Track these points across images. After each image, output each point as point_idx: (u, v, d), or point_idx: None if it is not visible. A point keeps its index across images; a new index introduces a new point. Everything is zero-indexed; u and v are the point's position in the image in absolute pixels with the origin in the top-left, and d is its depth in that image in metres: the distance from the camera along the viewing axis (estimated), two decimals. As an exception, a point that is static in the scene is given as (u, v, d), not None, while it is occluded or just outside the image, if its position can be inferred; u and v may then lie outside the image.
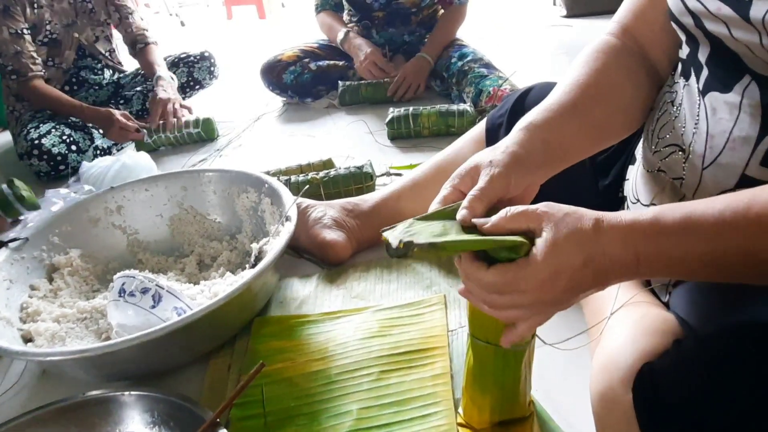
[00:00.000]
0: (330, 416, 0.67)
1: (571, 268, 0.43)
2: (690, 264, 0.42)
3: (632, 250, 0.42)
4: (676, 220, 0.42)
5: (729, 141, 0.50)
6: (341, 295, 0.89)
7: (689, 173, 0.54)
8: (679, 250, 0.42)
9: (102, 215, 1.04)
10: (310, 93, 1.87)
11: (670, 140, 0.57)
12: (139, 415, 0.68)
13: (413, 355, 0.73)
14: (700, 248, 0.41)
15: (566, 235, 0.43)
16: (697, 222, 0.41)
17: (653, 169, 0.60)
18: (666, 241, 0.42)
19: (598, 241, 0.43)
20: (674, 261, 0.42)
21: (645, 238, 0.42)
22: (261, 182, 1.00)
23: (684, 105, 0.55)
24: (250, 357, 0.77)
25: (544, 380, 0.68)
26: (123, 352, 0.67)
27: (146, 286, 0.74)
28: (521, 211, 0.45)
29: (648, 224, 0.42)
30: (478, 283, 0.47)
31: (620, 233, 0.43)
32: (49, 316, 0.85)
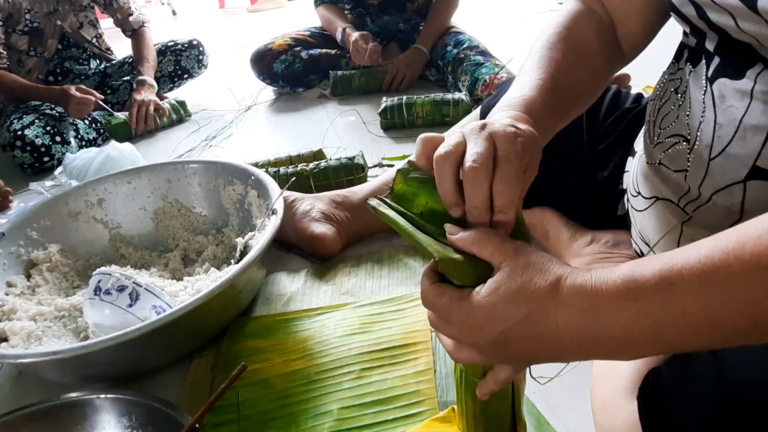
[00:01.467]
0: (309, 417, 0.64)
1: (508, 321, 0.36)
2: (680, 329, 0.33)
3: (602, 324, 0.34)
4: (655, 274, 0.33)
5: (739, 130, 0.46)
6: (330, 291, 0.86)
7: (694, 165, 0.51)
8: (661, 312, 0.33)
9: (82, 209, 1.00)
10: (302, 82, 1.83)
11: (673, 130, 0.54)
12: (115, 419, 0.64)
13: (395, 351, 0.70)
14: (689, 306, 0.32)
15: (514, 287, 0.36)
16: (680, 273, 0.32)
17: (654, 162, 0.57)
18: (645, 304, 0.33)
19: (549, 305, 0.35)
20: (659, 327, 0.33)
21: (618, 303, 0.34)
22: (247, 174, 0.96)
23: (690, 93, 0.52)
24: (224, 358, 0.74)
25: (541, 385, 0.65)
26: (98, 353, 0.64)
27: (123, 284, 0.70)
28: (491, 238, 0.39)
29: (621, 284, 0.34)
30: (422, 295, 0.42)
31: (583, 300, 0.35)
32: (26, 315, 0.81)
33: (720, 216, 0.49)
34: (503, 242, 0.38)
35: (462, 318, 0.38)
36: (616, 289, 0.34)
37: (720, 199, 0.49)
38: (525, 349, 0.37)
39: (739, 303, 0.31)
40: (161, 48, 1.89)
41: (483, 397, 0.44)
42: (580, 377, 0.64)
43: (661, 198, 0.57)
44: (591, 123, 0.81)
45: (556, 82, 0.53)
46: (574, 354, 0.36)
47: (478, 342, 0.38)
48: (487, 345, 0.37)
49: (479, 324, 0.37)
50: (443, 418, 0.59)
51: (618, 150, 0.78)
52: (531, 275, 0.36)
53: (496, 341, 0.37)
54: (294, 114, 1.73)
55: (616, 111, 0.80)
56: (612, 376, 0.45)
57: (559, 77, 0.54)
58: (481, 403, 0.50)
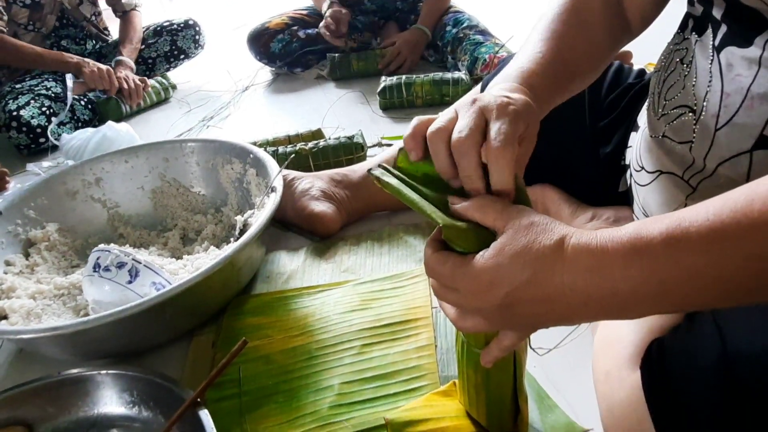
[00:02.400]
0: (310, 392, 0.64)
1: (512, 283, 0.36)
2: (687, 287, 0.33)
3: (608, 282, 0.34)
4: (662, 232, 0.33)
5: (746, 99, 0.46)
6: (330, 269, 0.85)
7: (700, 135, 0.50)
8: (668, 269, 0.32)
9: (80, 188, 0.99)
10: (299, 62, 1.80)
11: (679, 101, 0.53)
12: (117, 394, 0.65)
13: (396, 327, 0.70)
14: (696, 263, 0.32)
15: (517, 248, 0.36)
16: (688, 230, 0.32)
17: (658, 135, 0.56)
18: (652, 261, 0.33)
19: (554, 264, 0.35)
20: (666, 285, 0.33)
21: (624, 260, 0.33)
22: (246, 153, 0.95)
23: (696, 63, 0.51)
24: (225, 335, 0.74)
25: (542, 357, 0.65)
26: (98, 329, 0.64)
27: (122, 261, 0.70)
28: (493, 204, 0.39)
29: (627, 242, 0.34)
30: (425, 264, 0.42)
31: (589, 258, 0.34)
32: (25, 293, 0.81)
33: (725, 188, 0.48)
34: (505, 207, 0.38)
35: (466, 283, 0.38)
36: (622, 247, 0.33)
37: (725, 170, 0.48)
38: (530, 312, 0.37)
39: (747, 260, 0.31)
40: (157, 28, 1.87)
41: (487, 365, 0.44)
42: (580, 350, 0.64)
43: (664, 172, 0.56)
44: (593, 99, 0.80)
45: (557, 55, 0.53)
46: (580, 315, 0.36)
47: (484, 307, 0.38)
48: (493, 309, 0.37)
49: (484, 288, 0.37)
50: (444, 392, 0.59)
51: (620, 126, 0.77)
52: (534, 235, 0.36)
53: (501, 305, 0.37)
54: (292, 94, 1.72)
55: (619, 86, 0.79)
56: (614, 346, 0.45)
57: (561, 50, 0.53)
58: (483, 375, 0.50)
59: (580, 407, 0.59)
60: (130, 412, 0.64)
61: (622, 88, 0.78)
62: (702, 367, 0.38)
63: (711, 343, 0.38)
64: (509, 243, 0.36)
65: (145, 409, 0.64)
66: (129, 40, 1.76)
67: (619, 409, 0.43)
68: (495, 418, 0.54)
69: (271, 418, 0.62)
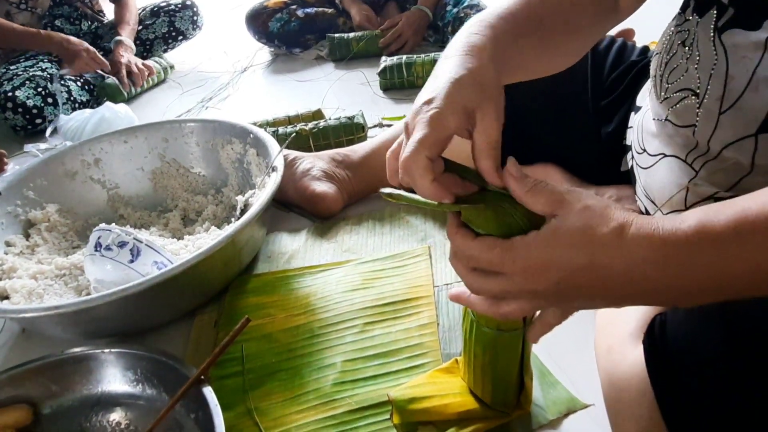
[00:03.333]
0: (312, 370, 0.64)
1: (568, 267, 0.36)
2: (749, 281, 0.33)
3: (668, 275, 0.34)
4: (729, 226, 0.32)
5: (752, 82, 0.45)
6: (332, 249, 0.85)
7: (703, 119, 0.50)
8: (735, 263, 0.32)
9: (79, 168, 0.98)
10: (298, 42, 1.78)
11: (681, 84, 0.52)
12: (120, 372, 0.65)
13: (398, 306, 0.71)
14: (762, 257, 0.32)
15: (575, 229, 0.36)
16: (754, 224, 0.32)
17: (661, 118, 0.56)
18: (716, 256, 0.33)
19: (613, 251, 0.35)
20: (729, 279, 0.33)
21: (688, 254, 0.33)
22: (246, 132, 0.94)
23: (698, 45, 0.50)
24: (227, 314, 0.74)
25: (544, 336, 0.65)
26: (100, 308, 0.64)
27: (123, 240, 0.70)
28: (546, 189, 0.38)
29: (692, 235, 0.33)
30: (461, 254, 0.40)
31: (650, 249, 0.34)
32: (26, 273, 0.81)
33: (729, 171, 0.48)
34: (553, 190, 0.37)
35: (519, 266, 0.37)
36: (687, 240, 0.33)
37: (730, 153, 0.48)
38: (584, 295, 0.37)
39: None
40: (154, 8, 1.84)
41: (534, 342, 0.45)
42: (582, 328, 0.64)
43: (668, 155, 0.56)
44: (595, 78, 0.79)
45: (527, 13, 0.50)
46: (633, 301, 0.36)
47: (535, 289, 0.37)
48: (544, 292, 0.37)
49: (537, 270, 0.36)
50: (447, 369, 0.60)
51: (623, 104, 0.76)
52: (591, 220, 0.35)
53: (554, 288, 0.36)
54: (291, 75, 1.70)
55: (621, 64, 0.78)
56: (617, 323, 0.46)
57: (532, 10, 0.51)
58: (491, 355, 0.51)
59: (581, 383, 0.60)
60: (134, 389, 0.64)
61: (625, 66, 0.78)
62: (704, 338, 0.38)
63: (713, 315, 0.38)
64: (563, 226, 0.36)
65: (149, 387, 0.64)
66: (126, 22, 1.73)
67: (620, 384, 0.44)
68: (500, 396, 0.54)
69: (275, 396, 0.62)
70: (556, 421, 0.56)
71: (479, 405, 0.55)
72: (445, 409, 0.54)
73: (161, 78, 1.75)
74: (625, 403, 0.44)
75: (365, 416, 0.58)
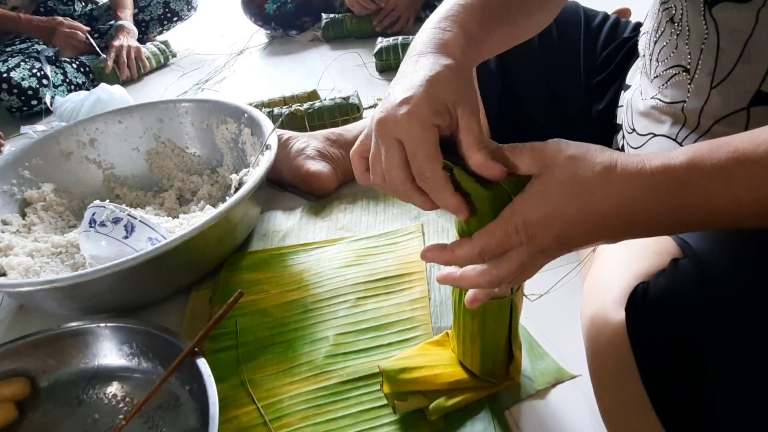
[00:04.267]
0: (305, 343, 0.65)
1: (564, 218, 0.36)
2: (735, 214, 0.34)
3: (663, 204, 0.35)
4: (721, 162, 0.33)
5: (743, 54, 0.45)
6: (326, 228, 0.86)
7: (695, 94, 0.50)
8: (725, 198, 0.33)
9: (74, 148, 0.99)
10: (295, 24, 1.77)
11: (672, 61, 0.52)
12: (116, 346, 0.66)
13: (390, 281, 0.72)
14: (752, 195, 0.33)
15: (563, 180, 0.36)
16: (748, 161, 0.33)
17: (649, 97, 0.56)
18: (708, 189, 0.34)
19: (604, 191, 0.35)
20: (717, 212, 0.34)
21: (679, 188, 0.34)
22: (240, 112, 0.95)
23: (688, 20, 0.50)
24: (222, 290, 0.75)
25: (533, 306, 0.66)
26: (95, 282, 0.64)
27: (117, 216, 0.70)
28: (525, 148, 0.38)
29: (683, 170, 0.34)
30: (468, 260, 0.40)
31: (644, 182, 0.35)
32: (23, 251, 0.82)
33: None
34: (534, 147, 0.38)
35: (522, 232, 0.37)
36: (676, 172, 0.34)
37: (722, 128, 0.48)
38: (584, 240, 0.38)
39: None
40: (148, -11, 1.83)
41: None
42: (570, 300, 0.66)
43: (657, 134, 0.56)
44: (587, 55, 0.79)
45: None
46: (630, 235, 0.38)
47: (542, 247, 0.38)
48: (549, 246, 0.38)
49: (539, 228, 0.37)
50: (437, 342, 0.61)
51: (614, 82, 0.76)
52: (577, 170, 0.36)
53: (556, 241, 0.37)
54: (287, 57, 1.69)
55: (614, 41, 0.78)
56: (601, 292, 0.46)
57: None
58: (479, 323, 0.51)
59: (569, 355, 0.61)
60: (130, 363, 0.66)
61: (617, 42, 0.77)
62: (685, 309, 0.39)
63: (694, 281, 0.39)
64: (552, 180, 0.37)
65: (145, 360, 0.65)
66: (124, 5, 1.71)
67: (603, 351, 0.44)
68: (488, 366, 0.55)
69: (268, 368, 0.63)
70: (543, 392, 0.58)
71: (468, 376, 0.56)
72: (435, 379, 0.55)
73: (160, 63, 1.74)
74: (607, 371, 0.45)
75: (357, 387, 0.59)
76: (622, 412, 0.44)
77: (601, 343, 0.45)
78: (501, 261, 0.39)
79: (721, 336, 0.37)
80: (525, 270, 0.40)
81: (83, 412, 0.63)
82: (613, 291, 0.45)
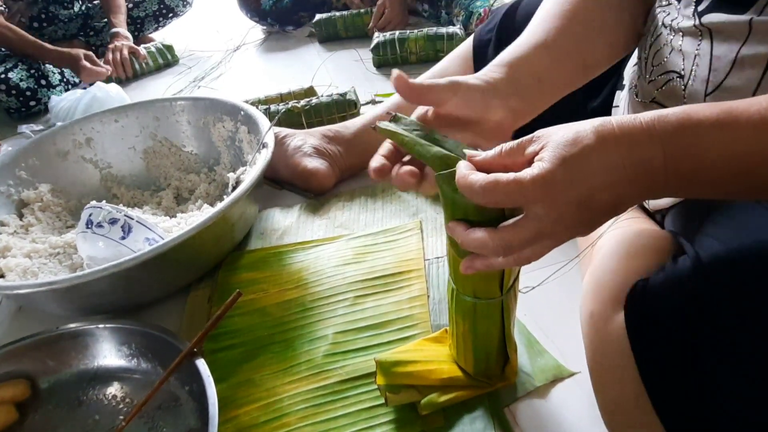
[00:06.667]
0: (304, 342, 0.65)
1: (584, 182, 0.36)
2: (723, 169, 0.35)
3: (659, 149, 0.35)
4: (713, 114, 0.35)
5: (737, 61, 0.45)
6: (324, 225, 0.86)
7: (689, 101, 0.49)
8: (715, 148, 0.34)
9: (71, 148, 0.98)
10: (291, 20, 1.77)
11: (666, 66, 0.52)
12: (115, 347, 0.66)
13: (389, 279, 0.71)
14: (740, 148, 0.34)
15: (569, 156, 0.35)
16: (738, 117, 0.34)
17: (647, 100, 0.56)
18: (699, 138, 0.35)
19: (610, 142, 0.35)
20: (706, 164, 0.35)
21: (674, 133, 0.35)
22: (236, 110, 0.94)
23: (681, 26, 0.50)
24: (220, 290, 0.74)
25: (532, 303, 0.66)
26: (94, 283, 0.64)
27: (114, 217, 0.70)
28: (515, 143, 0.38)
29: (677, 120, 0.35)
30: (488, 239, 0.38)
31: (640, 128, 0.35)
32: (20, 252, 0.82)
33: None
34: (522, 140, 0.38)
35: (548, 208, 0.36)
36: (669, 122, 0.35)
37: None
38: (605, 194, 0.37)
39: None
40: (143, -15, 1.82)
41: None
42: (568, 296, 0.66)
43: None
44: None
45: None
46: (639, 197, 0.38)
47: (562, 213, 0.36)
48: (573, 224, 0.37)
49: (561, 199, 0.36)
50: (435, 338, 0.61)
51: (610, 78, 0.76)
52: (569, 135, 0.36)
53: (578, 216, 0.37)
54: (284, 53, 1.69)
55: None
56: (601, 289, 0.46)
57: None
58: (470, 322, 0.51)
59: (568, 352, 0.61)
60: (129, 364, 0.65)
61: None
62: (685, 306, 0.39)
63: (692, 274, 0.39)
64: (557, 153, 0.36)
65: (144, 361, 0.65)
66: (116, 8, 1.70)
67: (602, 349, 0.44)
68: (482, 366, 0.55)
69: (267, 367, 0.63)
70: (542, 388, 0.58)
71: (463, 374, 0.56)
72: (429, 375, 0.55)
73: (159, 65, 1.72)
74: (607, 368, 0.45)
75: (356, 386, 0.59)
76: (622, 410, 0.44)
77: (601, 341, 0.45)
78: (516, 226, 0.38)
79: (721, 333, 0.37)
80: (538, 241, 0.38)
81: (84, 413, 0.63)
82: (612, 288, 0.45)
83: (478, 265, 0.41)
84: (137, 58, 1.66)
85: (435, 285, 0.71)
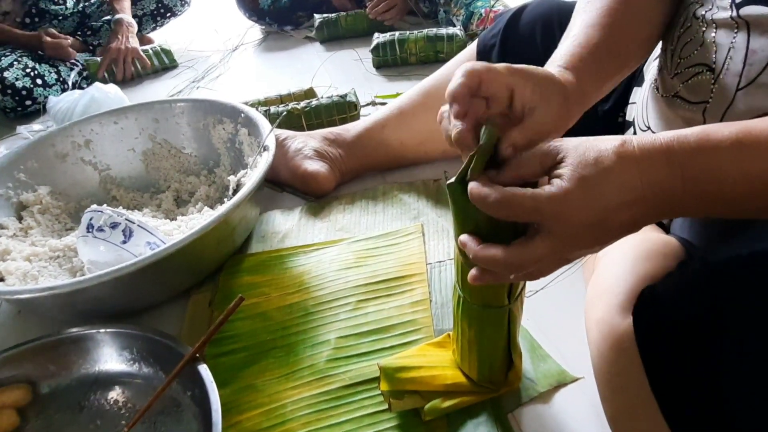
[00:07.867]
0: (307, 347, 0.65)
1: (598, 201, 0.36)
2: (741, 189, 0.35)
3: (678, 171, 0.35)
4: (732, 134, 0.35)
5: None
6: (325, 228, 0.86)
7: (718, 96, 0.49)
8: (734, 169, 0.35)
9: (70, 150, 0.98)
10: (290, 20, 1.76)
11: (695, 59, 0.51)
12: (117, 352, 0.65)
13: (391, 283, 0.71)
14: (759, 167, 0.34)
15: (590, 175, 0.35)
16: (759, 137, 0.35)
17: (669, 94, 0.55)
18: (719, 158, 0.35)
19: (626, 165, 0.36)
20: (725, 184, 0.35)
21: (692, 154, 0.35)
22: (237, 112, 0.94)
23: (716, 18, 0.49)
24: (221, 293, 0.74)
25: (535, 308, 0.66)
26: (95, 288, 0.64)
27: (115, 221, 0.70)
28: (530, 154, 0.38)
29: (696, 140, 0.36)
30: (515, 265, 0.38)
31: (659, 150, 0.36)
32: (20, 255, 0.81)
33: None
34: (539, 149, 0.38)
35: (560, 227, 0.36)
36: (688, 141, 0.36)
37: None
38: (619, 213, 0.37)
39: None
40: (141, -16, 1.80)
41: None
42: (572, 302, 0.65)
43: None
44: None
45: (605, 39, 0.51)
46: (657, 216, 0.38)
47: (578, 244, 0.37)
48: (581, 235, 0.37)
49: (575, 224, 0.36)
50: (438, 343, 0.61)
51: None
52: (590, 151, 0.36)
53: (593, 237, 0.37)
54: (283, 53, 1.68)
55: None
56: (607, 295, 0.46)
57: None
58: (476, 330, 0.51)
59: (572, 357, 0.61)
60: (131, 368, 0.65)
61: None
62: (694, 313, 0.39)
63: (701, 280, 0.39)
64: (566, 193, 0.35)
65: (146, 366, 0.65)
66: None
67: (609, 356, 0.44)
68: (485, 372, 0.55)
69: (269, 372, 0.63)
70: (546, 394, 0.57)
71: (466, 380, 0.56)
72: (433, 380, 0.55)
73: (156, 68, 1.70)
74: (614, 375, 0.45)
75: (359, 391, 0.59)
76: (630, 417, 0.44)
77: (608, 348, 0.45)
78: (529, 244, 0.37)
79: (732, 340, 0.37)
80: (550, 258, 0.38)
81: (85, 418, 0.63)
82: (619, 294, 0.45)
83: (486, 278, 0.40)
84: (143, 67, 1.64)
85: (437, 289, 0.70)
